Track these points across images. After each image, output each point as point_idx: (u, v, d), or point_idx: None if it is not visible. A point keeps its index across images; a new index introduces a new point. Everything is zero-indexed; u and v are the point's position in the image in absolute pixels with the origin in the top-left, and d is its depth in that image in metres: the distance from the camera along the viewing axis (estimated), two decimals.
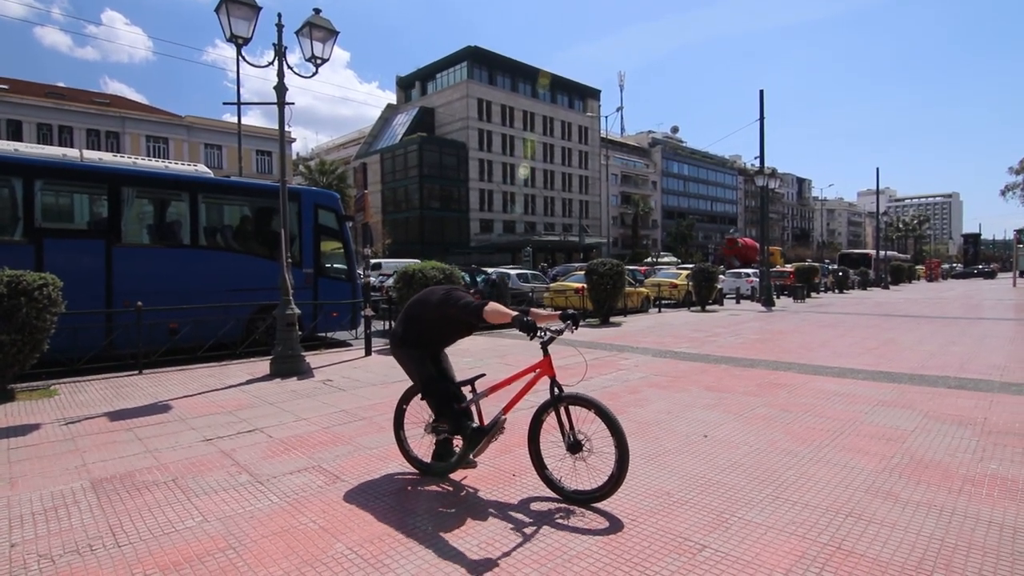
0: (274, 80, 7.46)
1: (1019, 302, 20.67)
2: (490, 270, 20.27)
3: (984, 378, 6.64)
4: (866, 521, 2.93)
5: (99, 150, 21.06)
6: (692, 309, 17.56)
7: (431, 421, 3.55)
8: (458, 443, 3.57)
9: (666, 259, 56.98)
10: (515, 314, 3.11)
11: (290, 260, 8.11)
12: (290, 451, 4.19)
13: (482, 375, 3.65)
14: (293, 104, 7.99)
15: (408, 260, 21.79)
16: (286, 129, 7.78)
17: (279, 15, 7.34)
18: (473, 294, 3.48)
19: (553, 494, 3.25)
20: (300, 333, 7.60)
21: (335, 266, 10.63)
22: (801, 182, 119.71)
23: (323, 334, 10.46)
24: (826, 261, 47.85)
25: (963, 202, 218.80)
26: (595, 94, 69.18)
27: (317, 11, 7.52)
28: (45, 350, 6.11)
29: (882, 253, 38.31)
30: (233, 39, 7.09)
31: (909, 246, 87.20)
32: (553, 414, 3.24)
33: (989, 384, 6.31)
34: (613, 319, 13.88)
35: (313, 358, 8.10)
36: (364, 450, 4.19)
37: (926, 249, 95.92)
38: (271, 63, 7.35)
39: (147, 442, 4.44)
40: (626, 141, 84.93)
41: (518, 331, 3.11)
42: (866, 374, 6.96)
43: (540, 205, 62.41)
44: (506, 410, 3.40)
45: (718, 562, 2.54)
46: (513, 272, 20.06)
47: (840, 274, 29.87)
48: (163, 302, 8.11)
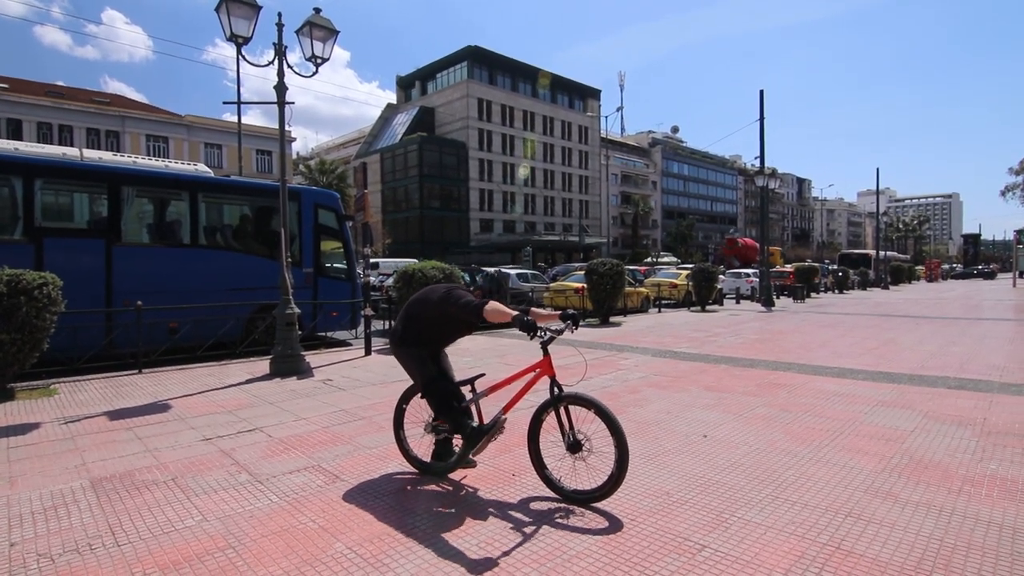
0: (274, 79, 7.46)
1: (1019, 303, 20.68)
2: (490, 269, 20.29)
3: (984, 378, 6.64)
4: (865, 521, 2.93)
5: (99, 149, 21.08)
6: (692, 309, 17.57)
7: (431, 420, 3.55)
8: (458, 443, 3.57)
9: (666, 259, 57.01)
10: (515, 313, 3.11)
11: (290, 259, 8.12)
12: (290, 450, 4.20)
13: (482, 375, 3.64)
14: (293, 103, 8.00)
15: (406, 260, 21.82)
16: (286, 128, 7.79)
17: (279, 14, 7.34)
18: (473, 292, 3.48)
19: (553, 494, 3.25)
20: (300, 333, 7.60)
21: (335, 265, 10.62)
22: (801, 182, 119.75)
23: (323, 334, 10.46)
24: (826, 261, 47.88)
25: (963, 202, 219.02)
26: (595, 94, 69.20)
27: (317, 10, 7.53)
28: (45, 349, 6.11)
29: (882, 253, 38.34)
30: (233, 38, 7.09)
31: (909, 246, 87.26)
32: (553, 414, 3.24)
33: (989, 384, 6.32)
34: (613, 319, 13.88)
35: (313, 358, 8.10)
36: (364, 449, 4.19)
37: (926, 249, 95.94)
38: (271, 62, 7.36)
39: (147, 441, 4.44)
40: (626, 141, 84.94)
41: (518, 331, 3.11)
42: (866, 374, 6.96)
43: (540, 205, 62.42)
44: (506, 410, 3.41)
45: (717, 562, 2.54)
46: (513, 272, 20.05)
47: (840, 274, 29.87)
48: (163, 301, 8.11)
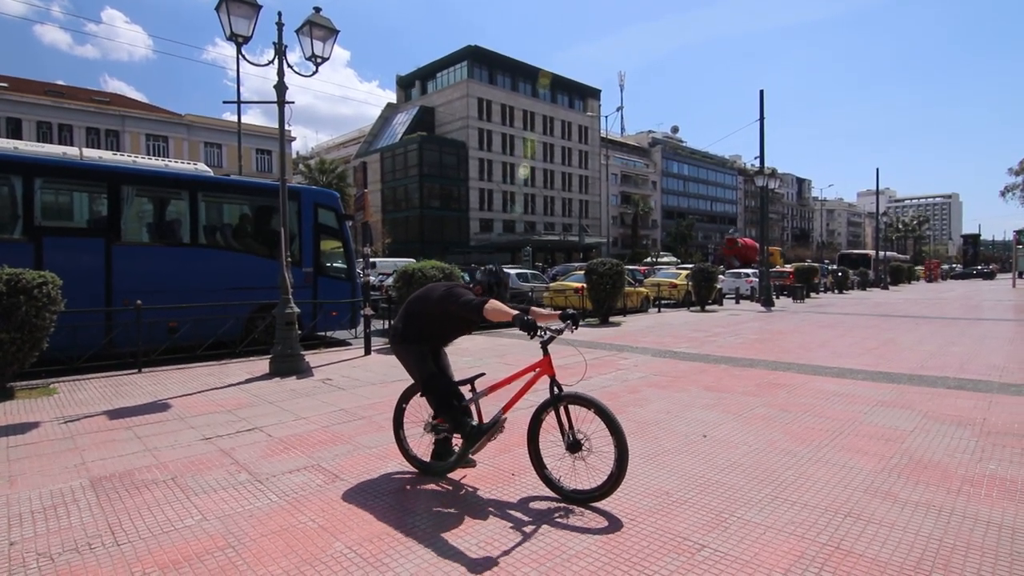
0: (274, 79, 7.46)
1: (1018, 303, 20.68)
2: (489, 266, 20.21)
3: (983, 379, 6.64)
4: (865, 521, 2.94)
5: (99, 148, 21.02)
6: (692, 309, 17.57)
7: (430, 420, 3.55)
8: (457, 442, 3.57)
9: (666, 259, 57.02)
10: (515, 313, 3.11)
11: (290, 259, 8.11)
12: (289, 450, 4.20)
13: (482, 374, 3.64)
14: (293, 103, 7.98)
15: (404, 259, 21.82)
16: (286, 128, 7.78)
17: (279, 14, 7.34)
18: (473, 288, 3.48)
19: (552, 493, 3.25)
20: (299, 332, 7.60)
21: (335, 265, 10.62)
22: (801, 182, 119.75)
23: (322, 333, 10.46)
24: (825, 261, 47.86)
25: (963, 203, 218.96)
26: (595, 94, 69.18)
27: (317, 10, 7.52)
28: (44, 348, 6.10)
29: (881, 253, 38.34)
30: (233, 37, 7.09)
31: (909, 247, 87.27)
32: (553, 413, 3.24)
33: (988, 385, 6.32)
34: (613, 319, 13.89)
35: (312, 357, 8.10)
36: (363, 449, 4.19)
37: (925, 250, 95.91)
38: (271, 62, 7.36)
39: (146, 441, 4.43)
40: (626, 141, 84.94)
41: (518, 330, 3.11)
42: (865, 374, 6.97)
43: (540, 205, 62.41)
44: (506, 409, 3.41)
45: (717, 562, 2.54)
46: (512, 271, 20.05)
47: (839, 274, 29.88)
48: (163, 301, 8.10)
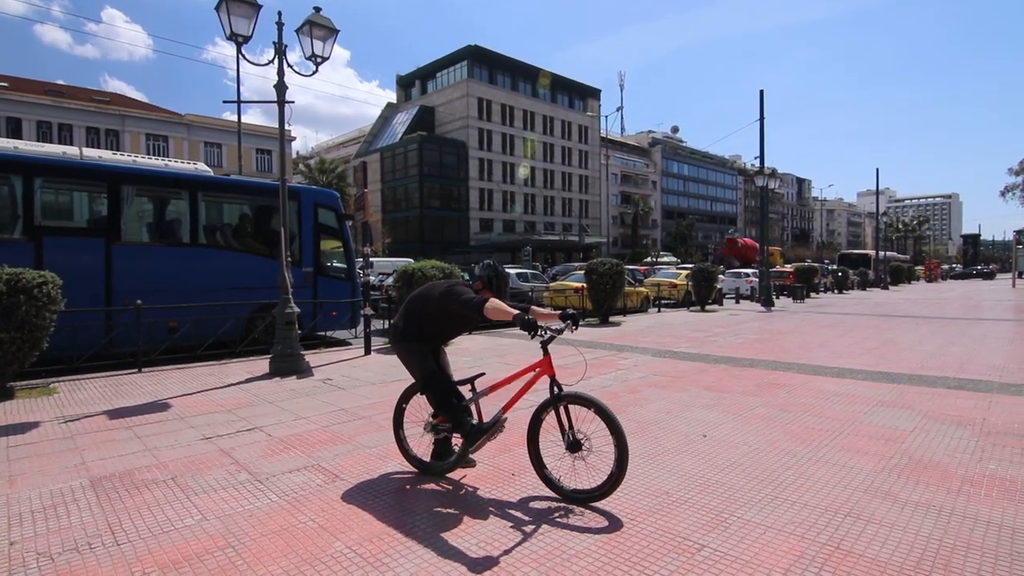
0: (274, 78, 7.46)
1: (1018, 303, 20.68)
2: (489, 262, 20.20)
3: (983, 379, 6.64)
4: (865, 521, 2.94)
5: (99, 148, 21.02)
6: (692, 309, 17.57)
7: (430, 419, 3.55)
8: (457, 442, 3.57)
9: (666, 259, 57.02)
10: (516, 312, 3.11)
11: (290, 259, 8.11)
12: (289, 450, 4.19)
13: (482, 374, 3.64)
14: (293, 103, 7.98)
15: (403, 259, 21.80)
16: (286, 128, 7.78)
17: (279, 13, 7.34)
18: (473, 283, 3.48)
19: (552, 493, 3.25)
20: (299, 332, 7.60)
21: (335, 265, 10.62)
22: (801, 182, 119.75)
23: (322, 333, 10.46)
24: (825, 261, 47.87)
25: (963, 203, 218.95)
26: (595, 94, 69.18)
27: (317, 9, 7.52)
28: (44, 348, 6.10)
29: (881, 253, 38.34)
30: (233, 37, 7.09)
31: (908, 247, 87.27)
32: (553, 413, 3.24)
33: (988, 385, 6.32)
34: (613, 319, 13.89)
35: (312, 357, 8.10)
36: (363, 449, 4.19)
37: (925, 250, 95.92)
38: (271, 61, 7.35)
39: (146, 440, 4.43)
40: (626, 141, 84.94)
41: (518, 330, 3.11)
42: (865, 374, 6.97)
43: (540, 204, 62.41)
44: (506, 409, 3.41)
45: (717, 561, 2.54)
46: (512, 271, 20.05)
47: (839, 274, 29.88)
48: (163, 300, 8.10)
